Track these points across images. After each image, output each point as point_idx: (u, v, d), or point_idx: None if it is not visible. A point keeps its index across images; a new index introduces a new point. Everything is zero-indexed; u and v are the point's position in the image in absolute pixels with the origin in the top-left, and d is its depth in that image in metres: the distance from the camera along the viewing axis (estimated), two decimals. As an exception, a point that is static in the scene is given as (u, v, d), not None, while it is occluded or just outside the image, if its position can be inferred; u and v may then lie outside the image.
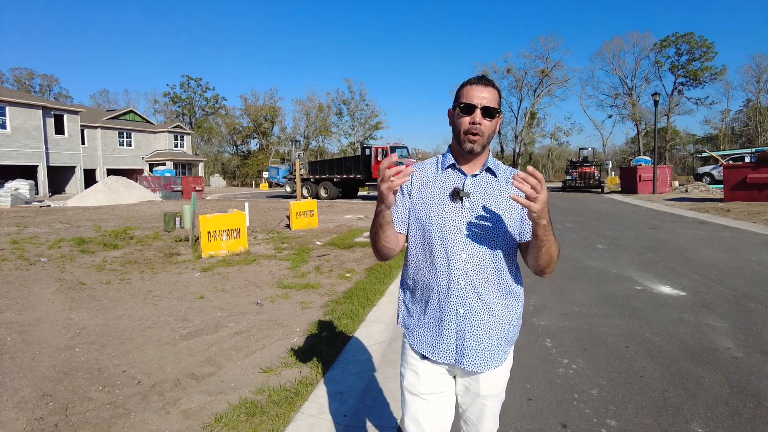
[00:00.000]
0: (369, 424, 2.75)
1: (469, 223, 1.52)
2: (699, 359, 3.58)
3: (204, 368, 3.56)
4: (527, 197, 1.30)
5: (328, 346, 3.87)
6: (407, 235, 1.62)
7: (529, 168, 1.32)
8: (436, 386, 1.61)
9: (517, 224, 1.55)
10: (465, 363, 1.54)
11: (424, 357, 1.61)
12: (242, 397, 3.04)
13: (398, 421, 2.80)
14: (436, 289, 1.55)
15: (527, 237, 1.53)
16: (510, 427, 2.70)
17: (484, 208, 1.52)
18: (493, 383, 1.62)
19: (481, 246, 1.51)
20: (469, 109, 1.48)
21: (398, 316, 1.73)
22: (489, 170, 1.57)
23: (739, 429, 2.63)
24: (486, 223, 1.51)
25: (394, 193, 1.37)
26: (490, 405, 1.66)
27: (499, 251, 1.53)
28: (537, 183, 1.28)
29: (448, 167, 1.59)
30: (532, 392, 3.13)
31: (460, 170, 1.57)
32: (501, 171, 1.59)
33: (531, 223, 1.43)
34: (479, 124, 1.47)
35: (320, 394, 3.09)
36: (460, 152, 1.55)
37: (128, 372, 3.50)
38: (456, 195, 1.52)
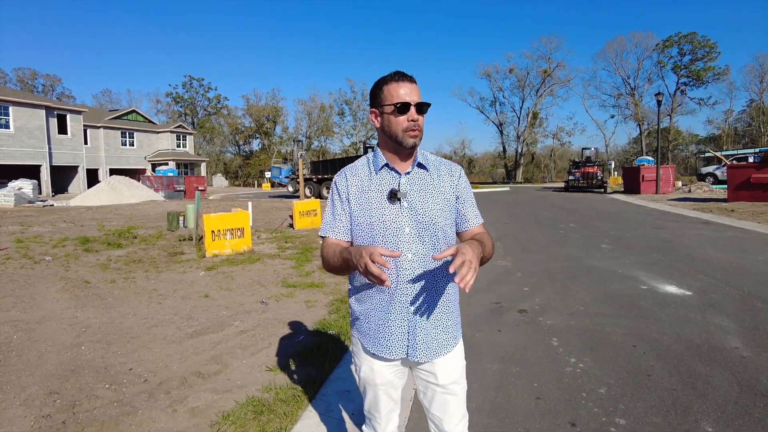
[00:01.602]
0: (377, 423, 2.74)
1: (410, 223, 1.55)
2: (707, 358, 3.56)
3: (210, 366, 3.55)
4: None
5: (334, 345, 3.86)
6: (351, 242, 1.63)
7: (447, 252, 1.31)
8: (390, 378, 1.69)
9: (453, 216, 1.63)
10: (418, 356, 1.59)
11: (374, 355, 1.67)
12: (249, 396, 3.03)
13: (405, 419, 2.80)
14: (385, 290, 1.57)
15: (463, 227, 1.65)
16: (519, 426, 2.69)
17: (421, 205, 1.56)
18: (447, 370, 1.65)
19: (425, 243, 1.56)
20: (405, 107, 1.52)
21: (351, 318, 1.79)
22: (420, 165, 1.61)
23: (749, 428, 2.61)
24: (426, 220, 1.55)
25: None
26: (452, 394, 1.67)
27: (441, 245, 1.58)
28: (467, 264, 1.27)
29: (382, 168, 1.60)
30: (540, 391, 3.11)
31: (393, 169, 1.59)
32: (431, 163, 1.64)
33: (465, 214, 1.63)
34: (417, 120, 1.53)
35: (327, 393, 3.09)
36: (393, 150, 1.59)
37: (134, 370, 3.50)
38: (393, 196, 1.55)
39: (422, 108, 1.55)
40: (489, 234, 1.66)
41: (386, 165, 1.60)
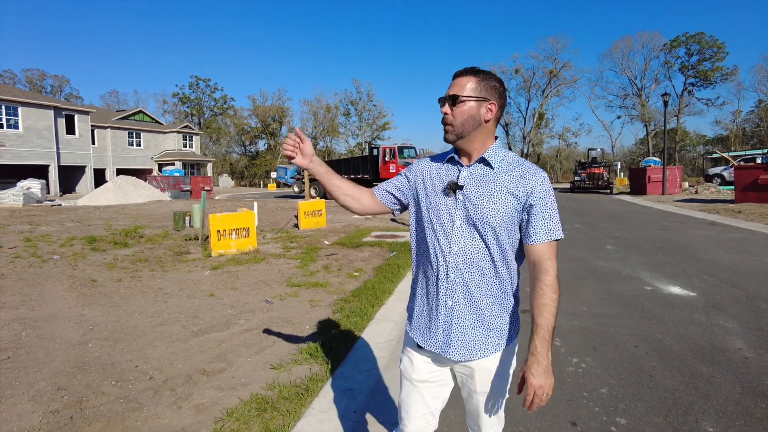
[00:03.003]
0: (379, 421, 2.77)
1: (461, 216, 1.53)
2: (710, 359, 3.56)
3: (215, 364, 3.59)
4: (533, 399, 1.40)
5: (337, 344, 3.89)
6: (413, 228, 1.70)
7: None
8: (428, 375, 1.68)
9: (513, 219, 1.50)
10: (450, 353, 1.56)
11: (418, 346, 1.66)
12: (253, 393, 3.07)
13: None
14: (432, 280, 1.59)
15: (526, 240, 1.50)
16: (520, 425, 2.70)
17: (476, 199, 1.50)
18: (485, 376, 1.60)
19: (472, 238, 1.52)
20: (441, 102, 1.54)
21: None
22: (483, 161, 1.54)
23: (750, 428, 2.62)
24: (476, 216, 1.50)
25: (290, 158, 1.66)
26: (485, 402, 1.62)
27: (490, 244, 1.51)
28: (536, 399, 1.39)
29: (449, 159, 1.62)
30: (541, 390, 3.12)
31: (458, 162, 1.58)
32: (499, 161, 1.54)
33: (530, 226, 1.49)
34: (446, 114, 1.52)
35: (330, 391, 3.12)
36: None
37: (140, 367, 3.54)
38: (449, 188, 1.55)
39: (452, 99, 1.51)
40: (554, 260, 1.49)
41: (453, 157, 1.60)
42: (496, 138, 1.60)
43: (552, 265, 1.47)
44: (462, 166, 1.57)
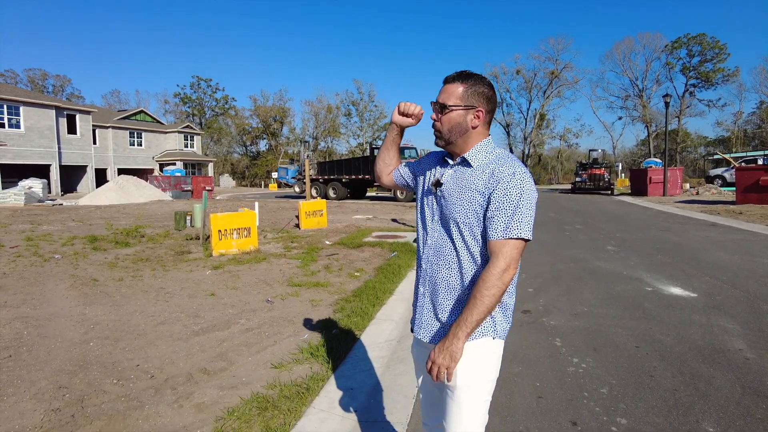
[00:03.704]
0: (379, 420, 2.78)
1: (437, 212, 1.63)
2: (710, 360, 3.56)
3: (216, 363, 3.60)
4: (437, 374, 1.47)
5: (338, 343, 3.90)
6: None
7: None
8: (423, 361, 1.74)
9: (478, 216, 1.52)
10: (419, 333, 1.69)
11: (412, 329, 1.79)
12: (254, 392, 3.07)
13: (408, 416, 2.83)
14: (418, 266, 1.74)
15: (486, 235, 1.49)
16: (520, 425, 2.71)
17: (448, 196, 1.58)
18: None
19: (442, 233, 1.61)
20: (432, 106, 1.63)
21: None
22: (464, 160, 1.60)
23: (751, 429, 2.62)
24: (446, 212, 1.58)
25: (399, 127, 1.75)
26: (451, 399, 1.55)
27: (457, 240, 1.56)
28: (434, 368, 1.48)
29: (443, 158, 1.71)
30: (542, 390, 3.13)
31: (447, 161, 1.67)
32: (479, 160, 1.57)
33: (489, 222, 1.49)
34: (434, 120, 1.61)
35: (331, 390, 3.12)
36: None
37: (141, 366, 3.55)
38: (432, 184, 1.65)
39: (438, 107, 1.59)
40: (507, 258, 1.43)
41: (446, 156, 1.68)
42: (488, 136, 1.63)
43: (499, 264, 1.42)
44: (448, 165, 1.66)
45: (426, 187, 1.70)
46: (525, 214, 1.46)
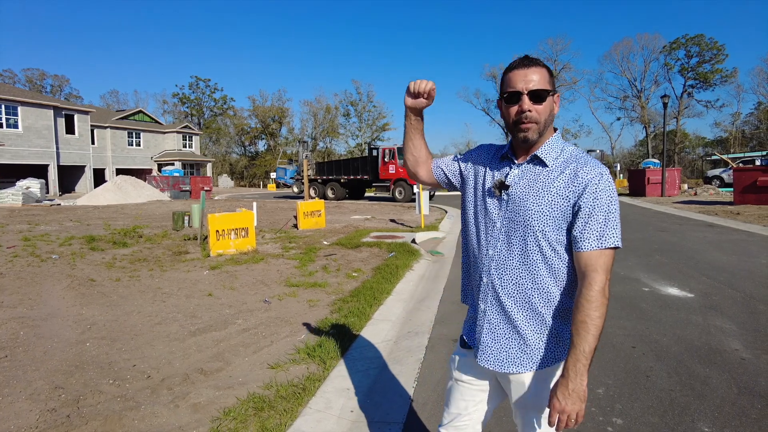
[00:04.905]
0: (376, 420, 2.78)
1: (502, 218, 1.42)
2: (706, 360, 3.57)
3: (212, 364, 3.60)
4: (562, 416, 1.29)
5: (335, 344, 3.89)
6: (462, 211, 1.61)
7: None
8: (466, 376, 1.59)
9: (559, 224, 1.34)
10: (480, 357, 1.48)
11: (462, 343, 1.62)
12: (250, 392, 3.07)
13: (404, 417, 2.83)
14: (475, 279, 1.52)
15: (575, 247, 1.32)
16: (515, 424, 2.70)
17: (521, 201, 1.38)
18: (520, 392, 1.46)
19: (511, 244, 1.39)
20: (514, 97, 1.37)
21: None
22: (536, 158, 1.41)
23: (746, 429, 2.63)
24: (518, 219, 1.38)
25: (414, 110, 1.54)
26: (526, 416, 1.48)
27: (532, 251, 1.37)
28: (562, 426, 1.29)
29: (503, 155, 1.50)
30: (538, 390, 3.13)
31: (510, 160, 1.47)
32: (554, 158, 1.40)
33: (580, 231, 1.30)
34: (529, 111, 1.35)
35: (327, 390, 3.12)
36: (515, 141, 1.46)
37: (138, 366, 3.55)
38: (495, 187, 1.44)
39: (539, 95, 1.35)
40: (604, 272, 1.27)
41: (507, 153, 1.48)
42: (555, 130, 1.46)
43: (599, 278, 1.27)
44: (513, 164, 1.45)
45: (485, 189, 1.48)
46: (614, 221, 1.31)
